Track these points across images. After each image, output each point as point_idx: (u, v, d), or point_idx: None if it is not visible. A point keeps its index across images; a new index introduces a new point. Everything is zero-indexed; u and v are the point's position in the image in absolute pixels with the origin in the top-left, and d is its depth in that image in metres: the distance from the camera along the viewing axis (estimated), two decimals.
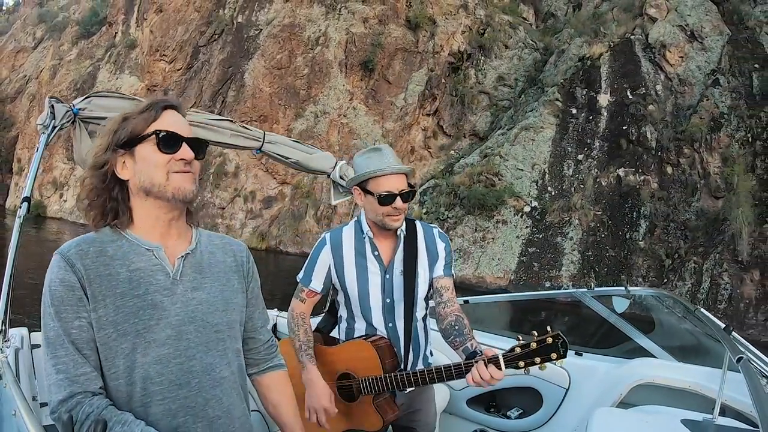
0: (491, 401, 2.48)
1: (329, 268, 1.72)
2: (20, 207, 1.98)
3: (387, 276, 1.69)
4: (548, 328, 1.37)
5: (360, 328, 1.74)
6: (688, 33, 15.56)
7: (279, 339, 2.85)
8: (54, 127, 2.07)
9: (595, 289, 2.49)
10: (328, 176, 2.94)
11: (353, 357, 1.69)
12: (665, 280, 11.29)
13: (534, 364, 1.34)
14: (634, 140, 13.98)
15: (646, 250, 12.05)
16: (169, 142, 1.06)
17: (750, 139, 12.47)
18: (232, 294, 1.16)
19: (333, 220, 19.20)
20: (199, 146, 1.11)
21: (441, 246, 1.75)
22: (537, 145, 15.63)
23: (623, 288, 2.40)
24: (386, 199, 1.60)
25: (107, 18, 27.38)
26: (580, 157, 14.69)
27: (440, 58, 21.97)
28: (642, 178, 13.41)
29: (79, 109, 2.10)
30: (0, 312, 1.79)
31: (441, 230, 1.83)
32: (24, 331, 2.11)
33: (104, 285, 1.01)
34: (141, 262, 1.06)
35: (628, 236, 12.58)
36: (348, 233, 1.74)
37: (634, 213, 12.93)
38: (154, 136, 1.05)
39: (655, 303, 2.76)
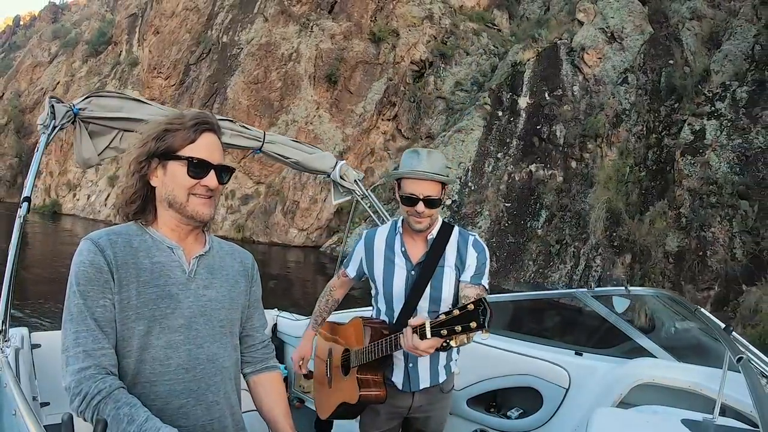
0: (491, 401, 2.43)
1: (361, 260, 1.79)
2: (20, 207, 1.91)
3: (412, 272, 1.69)
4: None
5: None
6: (609, 35, 15.89)
7: (280, 339, 2.90)
8: (54, 127, 2.01)
9: (595, 288, 2.44)
10: (328, 176, 2.79)
11: (350, 333, 1.72)
12: (550, 263, 11.79)
13: (455, 332, 1.25)
14: (545, 138, 14.49)
15: (542, 237, 12.57)
16: (198, 169, 1.10)
17: (645, 133, 12.83)
18: (237, 295, 1.22)
19: (296, 214, 20.26)
20: (225, 171, 1.15)
21: (473, 254, 1.68)
22: (466, 146, 16.27)
23: (623, 287, 2.34)
24: (407, 201, 1.61)
25: (113, 38, 29.31)
26: (499, 155, 15.27)
27: (400, 68, 22.76)
28: (549, 172, 13.91)
29: (80, 108, 2.04)
30: (0, 312, 1.76)
31: (479, 238, 1.76)
32: (24, 331, 2.08)
33: (130, 272, 1.06)
34: (162, 256, 1.12)
35: (528, 225, 13.11)
36: (383, 230, 1.79)
37: (538, 204, 13.43)
38: (186, 160, 1.10)
39: (655, 302, 2.69)
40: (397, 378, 1.72)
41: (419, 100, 22.08)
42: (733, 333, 1.69)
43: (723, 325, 1.74)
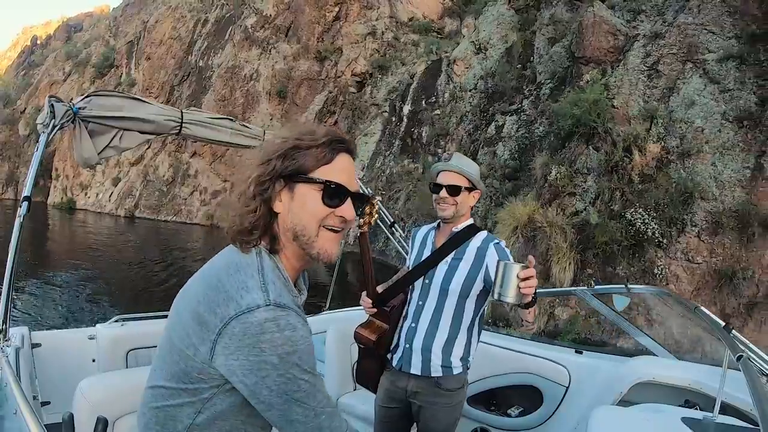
0: (492, 399, 2.48)
1: (410, 252, 2.10)
2: (20, 206, 1.92)
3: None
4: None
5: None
6: (477, 46, 19.21)
7: None
8: (54, 126, 2.05)
9: (596, 287, 2.45)
10: None
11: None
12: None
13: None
14: (415, 138, 18.23)
15: (397, 215, 16.34)
16: (335, 196, 0.96)
17: (473, 130, 16.39)
18: None
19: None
20: (360, 201, 1.02)
21: (492, 252, 1.81)
22: (368, 147, 20.24)
23: (623, 286, 2.36)
24: (433, 188, 1.88)
25: (114, 62, 34.59)
26: (387, 153, 19.09)
27: (341, 81, 26.71)
28: (414, 165, 17.64)
29: (79, 108, 2.10)
30: (0, 312, 1.78)
31: (503, 244, 1.86)
32: (25, 330, 2.11)
33: None
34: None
35: (390, 207, 16.90)
36: (426, 227, 2.08)
37: (402, 191, 17.22)
38: (323, 184, 0.95)
39: (655, 301, 2.62)
40: (396, 355, 1.94)
41: (356, 107, 25.97)
42: (733, 331, 1.72)
43: (723, 323, 1.77)
